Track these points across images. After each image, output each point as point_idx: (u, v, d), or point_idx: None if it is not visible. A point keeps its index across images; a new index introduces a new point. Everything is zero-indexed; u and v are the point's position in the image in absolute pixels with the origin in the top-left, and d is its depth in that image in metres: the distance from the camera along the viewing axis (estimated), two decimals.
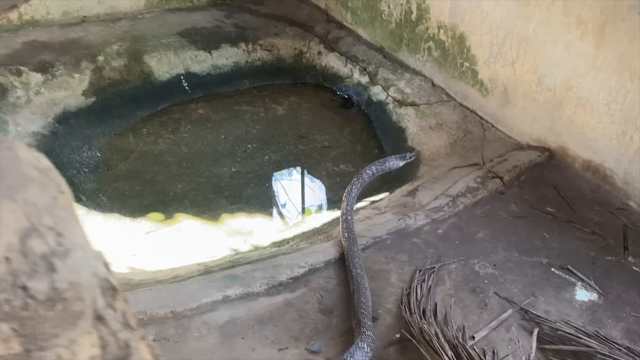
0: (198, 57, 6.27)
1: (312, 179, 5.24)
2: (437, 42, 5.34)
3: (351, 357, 2.79)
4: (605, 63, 3.87)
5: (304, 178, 5.27)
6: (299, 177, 5.29)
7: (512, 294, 3.33)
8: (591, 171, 4.17)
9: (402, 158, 4.13)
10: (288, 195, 5.10)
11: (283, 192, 5.13)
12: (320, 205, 4.98)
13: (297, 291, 3.43)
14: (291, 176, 5.32)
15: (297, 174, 5.31)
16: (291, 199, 5.05)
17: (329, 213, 4.76)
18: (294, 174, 5.33)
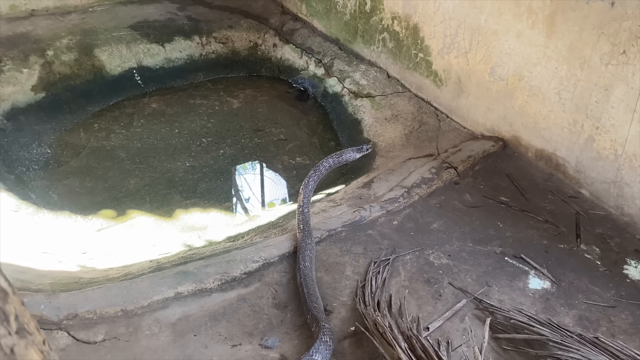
0: (151, 51, 6.15)
1: (269, 173, 5.18)
2: (391, 33, 5.32)
3: (317, 352, 2.76)
4: (555, 52, 3.90)
5: (260, 171, 5.21)
6: (255, 171, 5.23)
7: (467, 283, 3.33)
8: (544, 160, 4.20)
9: (359, 150, 4.10)
10: (244, 189, 5.03)
11: (238, 186, 5.05)
12: (276, 198, 4.93)
13: (250, 286, 3.37)
14: (247, 170, 5.25)
15: (253, 168, 5.25)
16: (247, 193, 4.99)
17: (284, 206, 4.71)
18: (250, 167, 5.26)
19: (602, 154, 3.79)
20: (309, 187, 3.86)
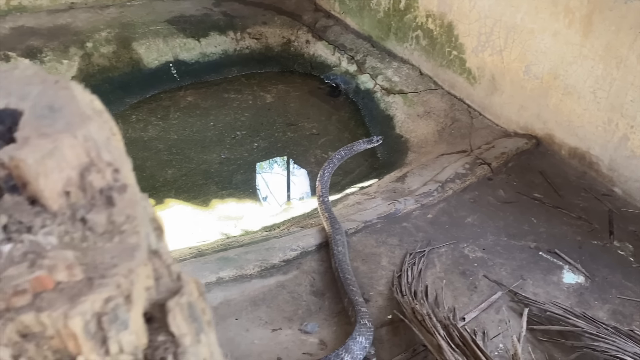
0: (187, 45, 6.26)
1: (301, 166, 5.26)
2: (425, 30, 5.38)
3: (360, 334, 2.85)
4: (592, 51, 3.94)
5: (293, 164, 5.29)
6: (288, 164, 5.32)
7: (501, 276, 3.39)
8: (577, 158, 4.24)
9: (369, 142, 4.22)
10: (277, 181, 5.12)
11: (272, 178, 5.15)
12: (309, 191, 5.01)
13: (289, 273, 3.46)
14: (280, 163, 5.34)
15: (286, 161, 5.34)
16: (280, 185, 5.08)
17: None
18: (283, 160, 5.35)
19: (637, 152, 3.82)
20: (325, 178, 3.99)
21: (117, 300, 0.57)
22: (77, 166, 0.63)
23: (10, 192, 0.62)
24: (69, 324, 0.55)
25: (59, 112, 0.64)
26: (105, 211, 0.63)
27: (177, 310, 0.62)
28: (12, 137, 0.66)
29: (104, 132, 0.65)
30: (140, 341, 0.62)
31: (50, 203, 0.62)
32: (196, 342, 0.65)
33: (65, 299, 0.56)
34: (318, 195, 3.89)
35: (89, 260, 0.60)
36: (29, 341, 0.55)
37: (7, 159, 0.60)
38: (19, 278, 0.55)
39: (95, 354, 0.58)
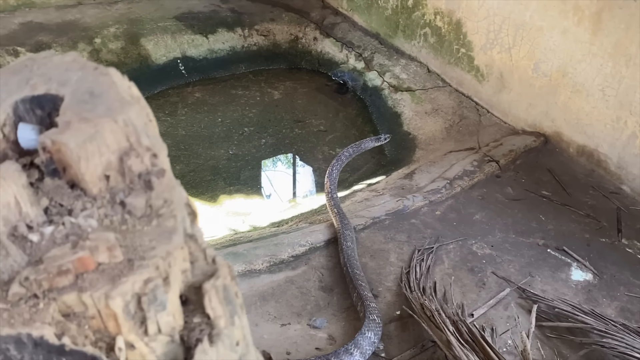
0: (195, 41, 6.28)
1: (309, 162, 5.27)
2: (433, 28, 5.38)
3: (369, 330, 2.87)
4: (601, 49, 3.94)
5: (301, 161, 5.31)
6: (296, 160, 5.33)
7: (510, 273, 3.40)
8: (585, 156, 4.24)
9: (377, 140, 4.25)
10: (285, 177, 5.14)
11: (280, 175, 5.16)
12: (317, 187, 5.02)
13: (298, 269, 3.48)
14: (288, 159, 5.35)
15: (294, 157, 5.35)
16: (288, 181, 5.09)
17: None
18: (291, 157, 5.36)
19: None
20: (334, 175, 4.01)
21: (156, 282, 0.58)
22: (116, 150, 0.64)
23: (51, 176, 0.63)
24: (109, 304, 0.57)
25: (99, 98, 0.65)
26: (143, 195, 0.64)
27: (212, 293, 0.64)
28: (51, 122, 0.67)
29: (143, 117, 0.66)
30: (177, 322, 0.63)
31: (90, 187, 0.64)
32: (230, 324, 0.66)
33: (106, 279, 0.58)
34: (327, 191, 3.91)
35: (128, 242, 0.61)
36: (71, 321, 0.57)
37: (49, 142, 0.61)
38: (62, 259, 0.56)
39: (134, 334, 0.59)
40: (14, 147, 0.67)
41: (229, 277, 0.67)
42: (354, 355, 2.82)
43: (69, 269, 0.56)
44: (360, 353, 2.85)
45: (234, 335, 0.68)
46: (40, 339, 0.54)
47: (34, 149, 0.66)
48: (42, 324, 0.54)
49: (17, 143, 0.67)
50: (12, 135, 0.66)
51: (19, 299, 0.56)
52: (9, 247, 0.58)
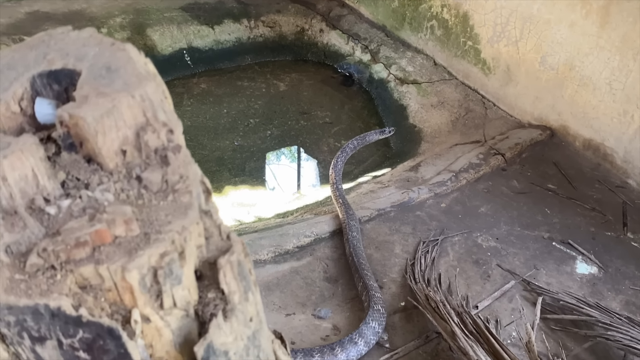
0: (201, 32, 6.27)
1: (314, 154, 5.27)
2: (440, 20, 5.36)
3: (373, 320, 2.88)
4: (608, 42, 3.92)
5: (306, 153, 5.30)
6: (301, 152, 5.33)
7: (515, 266, 3.40)
8: (592, 150, 4.23)
9: (382, 133, 4.26)
10: (291, 169, 5.14)
11: (286, 166, 5.16)
12: (322, 179, 5.02)
13: (303, 260, 3.48)
14: (293, 151, 5.35)
15: (299, 149, 5.35)
16: (294, 173, 5.09)
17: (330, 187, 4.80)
18: (296, 148, 5.36)
19: None
20: (338, 167, 4.02)
21: (172, 256, 0.59)
22: (133, 125, 0.64)
23: (68, 150, 0.64)
24: (126, 277, 0.57)
25: (116, 73, 0.65)
26: (159, 170, 0.64)
27: (227, 268, 0.64)
28: (68, 97, 0.67)
29: (159, 93, 0.67)
30: (192, 297, 0.64)
31: (106, 161, 0.64)
32: (244, 300, 0.67)
33: (123, 252, 0.58)
34: (332, 182, 3.92)
35: (145, 217, 0.61)
36: (88, 293, 0.57)
37: (66, 116, 0.62)
38: (79, 231, 0.57)
39: (149, 308, 0.60)
40: (31, 121, 0.67)
41: (243, 254, 0.67)
42: (359, 345, 2.83)
43: (87, 241, 0.57)
44: (364, 342, 2.86)
45: (247, 311, 0.68)
46: (58, 309, 0.54)
47: (50, 123, 0.66)
48: (60, 295, 0.54)
49: (34, 117, 0.67)
50: (29, 109, 0.67)
51: (37, 270, 0.56)
52: (26, 219, 0.58)
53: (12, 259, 0.57)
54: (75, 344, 0.56)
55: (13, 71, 0.66)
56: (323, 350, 2.80)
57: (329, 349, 2.81)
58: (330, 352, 2.80)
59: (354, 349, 2.84)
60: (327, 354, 2.80)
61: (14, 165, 0.58)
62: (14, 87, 0.65)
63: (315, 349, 2.80)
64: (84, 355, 0.57)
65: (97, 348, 0.57)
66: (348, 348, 2.82)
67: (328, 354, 2.80)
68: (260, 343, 0.72)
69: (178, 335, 0.64)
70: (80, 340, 0.56)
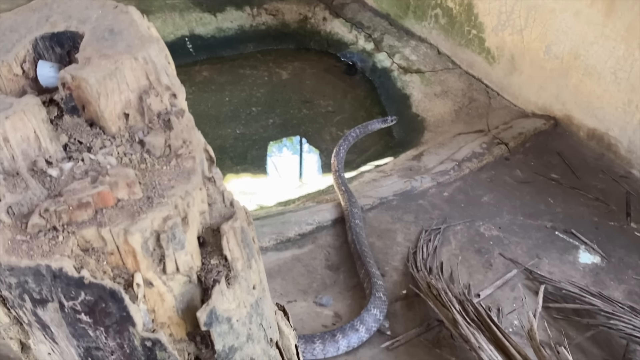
0: (203, 20, 6.24)
1: (316, 143, 5.26)
2: (444, 9, 5.34)
3: (375, 307, 2.88)
4: (614, 31, 3.90)
5: (308, 141, 5.29)
6: (304, 141, 5.32)
7: (517, 255, 3.39)
8: (596, 139, 4.22)
9: (384, 122, 4.28)
10: (293, 157, 5.13)
11: (288, 155, 5.16)
12: (324, 167, 5.02)
13: (304, 247, 3.48)
14: (296, 139, 5.34)
15: (302, 138, 5.34)
16: (295, 162, 5.09)
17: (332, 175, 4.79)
18: (298, 137, 5.35)
19: None
20: (340, 155, 4.03)
21: (175, 220, 0.58)
22: (136, 89, 0.64)
23: (70, 114, 0.63)
24: (128, 240, 0.56)
25: (119, 35, 0.64)
26: (162, 135, 0.64)
27: (231, 234, 0.63)
28: (70, 60, 0.67)
29: (162, 57, 0.66)
30: (194, 263, 0.63)
31: (109, 125, 0.63)
32: (247, 267, 0.66)
33: (125, 215, 0.57)
34: (334, 170, 3.91)
35: (148, 181, 0.61)
36: (90, 256, 0.56)
37: (69, 78, 0.61)
38: (81, 192, 0.56)
39: (152, 272, 0.59)
40: (33, 84, 0.66)
41: (247, 222, 0.66)
42: (360, 332, 2.84)
43: (89, 203, 0.56)
44: (365, 329, 2.87)
45: (250, 278, 0.68)
46: (59, 271, 0.53)
47: (52, 87, 0.65)
48: (61, 257, 0.54)
49: (36, 80, 0.66)
50: (31, 72, 0.66)
51: (39, 231, 0.55)
52: (28, 180, 0.57)
53: (14, 220, 0.56)
54: (77, 307, 0.56)
55: (15, 33, 0.65)
56: (324, 337, 2.81)
57: (329, 335, 2.82)
58: (331, 339, 2.81)
59: (354, 335, 2.84)
60: (327, 341, 2.80)
61: (16, 126, 0.57)
62: (17, 49, 0.64)
63: (316, 335, 2.81)
64: (86, 318, 0.57)
65: (99, 311, 0.56)
66: (349, 335, 2.83)
67: (329, 340, 2.81)
68: (263, 311, 0.72)
69: (180, 301, 0.64)
70: (82, 303, 0.55)
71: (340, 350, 2.82)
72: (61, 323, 0.58)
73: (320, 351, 2.78)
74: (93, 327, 0.58)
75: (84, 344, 0.60)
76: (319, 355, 2.78)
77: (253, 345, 0.69)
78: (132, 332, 0.59)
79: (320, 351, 2.78)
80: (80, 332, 0.59)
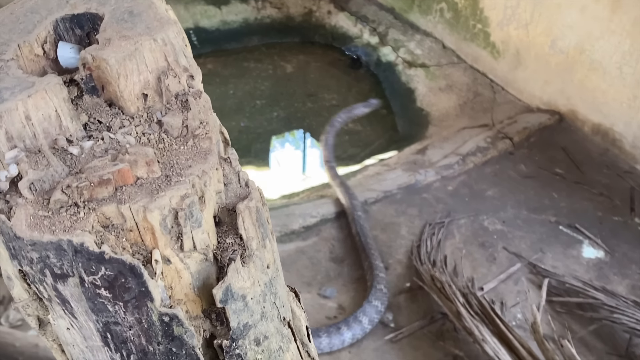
0: (207, 12, 6.24)
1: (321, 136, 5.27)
2: (449, 3, 5.33)
3: (376, 299, 2.90)
4: (619, 26, 3.90)
5: (313, 135, 5.30)
6: (308, 134, 5.32)
7: (521, 249, 3.40)
8: (600, 135, 4.22)
9: (367, 105, 4.32)
10: (296, 151, 5.14)
11: (292, 148, 5.17)
12: (328, 161, 5.02)
13: (309, 240, 3.50)
14: (300, 132, 5.35)
15: (306, 131, 5.34)
16: (299, 155, 5.10)
17: (338, 168, 4.80)
18: (302, 130, 5.36)
19: None
20: (329, 143, 4.02)
21: (193, 198, 0.59)
22: (155, 70, 0.65)
23: (90, 94, 0.64)
24: (147, 217, 0.58)
25: (138, 17, 0.66)
26: (180, 115, 0.65)
27: (246, 214, 0.65)
28: (90, 42, 0.68)
29: (180, 39, 0.67)
30: (211, 241, 0.64)
31: (128, 105, 0.64)
32: (262, 246, 0.68)
33: (144, 193, 0.59)
34: (326, 161, 3.90)
35: (166, 160, 0.62)
36: (110, 232, 0.58)
37: (89, 58, 0.62)
38: (102, 169, 0.57)
39: (170, 249, 0.61)
40: (53, 64, 0.68)
41: (261, 202, 0.68)
42: (363, 323, 2.86)
43: (110, 180, 0.57)
44: (368, 320, 2.89)
45: (265, 257, 0.69)
46: (81, 245, 0.55)
47: (72, 67, 0.67)
48: (83, 232, 0.55)
49: (56, 61, 0.68)
50: (52, 53, 0.67)
51: (60, 206, 0.57)
52: (50, 157, 0.59)
53: (36, 196, 0.58)
54: (97, 281, 0.57)
55: (36, 15, 0.66)
56: (329, 331, 2.84)
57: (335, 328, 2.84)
58: (336, 331, 2.83)
59: (358, 327, 2.87)
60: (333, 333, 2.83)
61: (38, 104, 0.59)
62: (38, 30, 0.66)
63: (321, 329, 2.84)
64: (105, 293, 0.58)
65: (118, 286, 0.58)
66: (353, 326, 2.86)
67: (334, 333, 2.83)
68: (277, 290, 0.73)
69: (197, 279, 0.65)
70: (102, 278, 0.57)
71: (345, 342, 2.85)
72: (81, 298, 0.59)
73: (327, 345, 2.80)
74: (112, 302, 0.59)
75: (103, 319, 0.61)
76: (325, 349, 2.80)
77: (267, 323, 0.71)
78: (150, 308, 0.60)
79: (326, 345, 2.80)
80: (99, 306, 0.60)
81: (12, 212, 0.57)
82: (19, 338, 2.72)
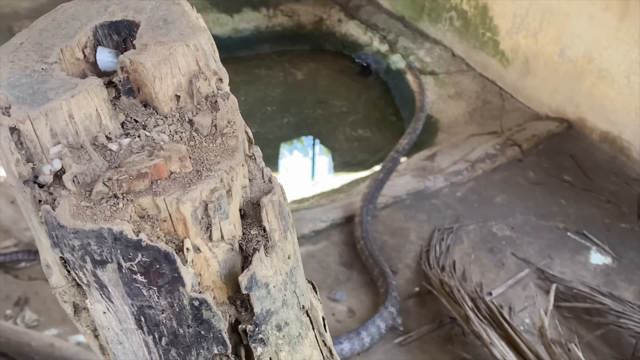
0: (220, 20, 6.31)
1: (330, 143, 5.32)
2: (459, 11, 5.38)
3: (392, 305, 2.95)
4: (627, 35, 3.93)
5: (322, 141, 5.35)
6: (318, 140, 5.38)
7: (529, 255, 3.43)
8: (608, 142, 4.25)
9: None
10: (307, 157, 5.19)
11: (302, 154, 5.22)
12: (338, 167, 5.07)
13: (318, 244, 3.54)
14: (310, 139, 5.40)
15: (316, 137, 5.40)
16: (309, 161, 5.15)
17: (347, 174, 4.85)
18: (313, 136, 5.41)
19: None
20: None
21: (221, 192, 0.65)
22: (187, 73, 0.70)
23: (127, 95, 0.70)
24: (180, 209, 0.63)
25: (172, 24, 0.71)
26: (209, 115, 0.70)
27: (269, 207, 0.70)
28: (126, 47, 0.73)
29: (210, 45, 0.72)
30: (237, 232, 0.70)
31: (162, 106, 0.70)
32: (284, 238, 0.73)
33: (178, 186, 0.64)
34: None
35: (196, 156, 0.67)
36: (146, 222, 0.63)
37: (128, 62, 0.67)
38: (140, 164, 0.62)
39: (200, 239, 0.66)
40: (92, 68, 0.73)
41: (283, 197, 0.73)
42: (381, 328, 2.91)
43: (147, 173, 0.62)
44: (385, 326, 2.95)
45: (286, 248, 0.74)
46: (120, 233, 0.60)
47: (110, 70, 0.72)
48: (122, 221, 0.60)
49: (95, 64, 0.73)
50: (91, 57, 0.73)
51: (101, 198, 0.62)
52: (91, 152, 0.64)
53: (79, 188, 0.63)
54: (133, 267, 0.62)
55: (77, 21, 0.72)
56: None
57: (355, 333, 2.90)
58: (356, 336, 2.89)
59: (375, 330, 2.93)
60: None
61: (80, 104, 0.64)
62: (78, 35, 0.71)
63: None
64: (141, 278, 0.63)
65: (153, 271, 0.62)
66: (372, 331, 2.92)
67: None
68: (297, 280, 0.78)
69: (224, 267, 0.70)
70: (139, 264, 0.62)
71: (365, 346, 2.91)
72: (118, 283, 0.64)
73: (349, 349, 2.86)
74: (147, 287, 0.64)
75: (138, 303, 0.66)
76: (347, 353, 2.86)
77: (287, 310, 0.76)
78: (182, 292, 0.65)
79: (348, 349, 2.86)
80: (135, 291, 0.65)
81: (55, 203, 0.63)
82: (35, 338, 2.78)
